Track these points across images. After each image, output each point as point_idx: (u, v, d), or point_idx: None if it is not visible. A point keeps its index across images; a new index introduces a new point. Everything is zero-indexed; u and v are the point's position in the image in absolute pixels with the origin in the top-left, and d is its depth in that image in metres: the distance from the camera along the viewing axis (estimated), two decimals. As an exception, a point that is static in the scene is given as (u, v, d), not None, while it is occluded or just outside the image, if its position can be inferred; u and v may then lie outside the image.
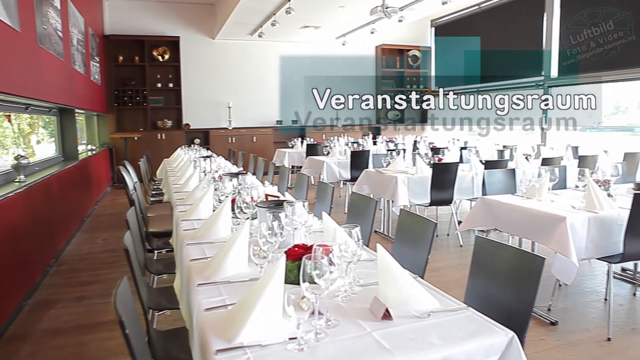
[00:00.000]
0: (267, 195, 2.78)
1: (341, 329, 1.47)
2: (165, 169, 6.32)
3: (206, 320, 1.54)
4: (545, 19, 9.23)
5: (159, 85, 10.70)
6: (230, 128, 11.29)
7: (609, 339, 3.06)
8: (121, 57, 10.33)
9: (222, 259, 1.98)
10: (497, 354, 1.43)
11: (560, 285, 3.86)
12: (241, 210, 2.54)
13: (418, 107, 12.98)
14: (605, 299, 3.63)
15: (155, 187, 6.30)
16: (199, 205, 3.06)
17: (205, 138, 11.15)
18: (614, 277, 4.14)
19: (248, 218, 2.55)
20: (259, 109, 11.76)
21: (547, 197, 3.60)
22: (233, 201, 2.66)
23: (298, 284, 1.42)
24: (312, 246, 1.60)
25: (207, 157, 5.87)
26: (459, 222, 4.48)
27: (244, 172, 4.30)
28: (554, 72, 9.17)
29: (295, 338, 1.37)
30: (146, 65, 10.50)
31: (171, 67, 10.81)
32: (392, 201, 4.98)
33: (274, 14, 8.77)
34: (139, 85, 10.49)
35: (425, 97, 12.86)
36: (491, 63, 10.89)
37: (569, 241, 2.95)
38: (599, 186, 3.40)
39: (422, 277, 2.03)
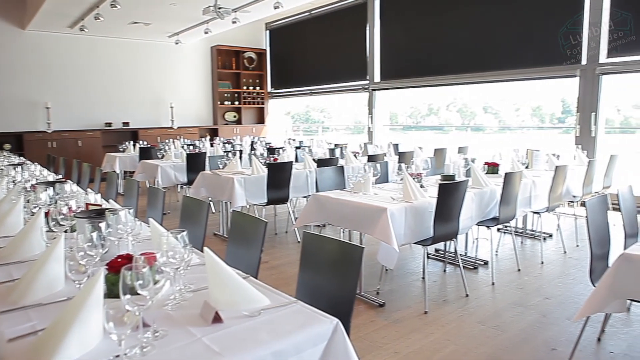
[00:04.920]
0: (87, 205, 2.55)
1: (170, 339, 1.42)
2: (-37, 181, 5.37)
3: (9, 352, 1.35)
4: (368, 28, 10.09)
5: (-47, 81, 9.06)
6: (49, 131, 10.06)
7: (425, 312, 3.49)
8: None
9: (32, 279, 1.75)
10: (324, 341, 1.52)
11: (386, 270, 4.26)
12: (57, 222, 2.28)
13: (255, 108, 13.19)
14: (423, 278, 4.11)
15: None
16: (5, 220, 2.68)
17: (17, 143, 9.76)
18: (429, 257, 4.74)
19: (66, 231, 2.32)
20: (85, 110, 10.72)
21: (372, 191, 3.95)
22: (47, 213, 2.38)
23: (123, 296, 1.34)
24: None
25: (18, 164, 5.15)
26: (296, 219, 4.66)
27: (64, 180, 3.87)
28: (377, 77, 10.09)
29: (119, 356, 1.29)
30: None
31: (-32, 60, 9.23)
32: (230, 202, 4.97)
33: (97, 7, 8.06)
34: None
35: (261, 98, 13.14)
36: (322, 67, 11.54)
37: (390, 230, 3.27)
38: (413, 179, 3.84)
39: (256, 276, 2.06)
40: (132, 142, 8.90)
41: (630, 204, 3.16)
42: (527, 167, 5.14)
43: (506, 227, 5.43)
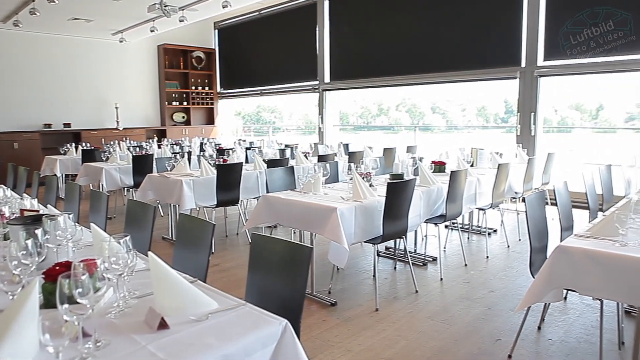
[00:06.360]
0: (22, 211, 2.42)
1: (112, 348, 1.37)
2: None
3: None
4: (317, 29, 10.13)
5: None
6: (-19, 133, 9.48)
7: (377, 310, 3.54)
8: None
9: (-40, 291, 1.64)
10: (274, 342, 1.51)
11: (337, 269, 4.29)
12: (-11, 230, 2.16)
13: (204, 108, 12.95)
14: (374, 276, 4.17)
15: None
16: None
17: (-54, 146, 9.14)
18: (380, 255, 4.82)
19: (-1, 239, 2.19)
20: (22, 110, 10.16)
21: (322, 191, 3.96)
22: (-23, 221, 2.25)
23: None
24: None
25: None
26: (247, 221, 4.61)
27: (-3, 184, 3.65)
28: (327, 77, 10.15)
29: (56, 369, 1.23)
30: None
31: None
32: (179, 205, 4.85)
33: (33, 1, 7.66)
34: None
35: (211, 99, 12.92)
36: (272, 67, 11.48)
37: (340, 229, 3.29)
38: (363, 178, 3.88)
39: (205, 280, 2.02)
40: (74, 144, 8.51)
41: (565, 199, 3.33)
42: (472, 166, 5.32)
43: (453, 223, 5.60)
